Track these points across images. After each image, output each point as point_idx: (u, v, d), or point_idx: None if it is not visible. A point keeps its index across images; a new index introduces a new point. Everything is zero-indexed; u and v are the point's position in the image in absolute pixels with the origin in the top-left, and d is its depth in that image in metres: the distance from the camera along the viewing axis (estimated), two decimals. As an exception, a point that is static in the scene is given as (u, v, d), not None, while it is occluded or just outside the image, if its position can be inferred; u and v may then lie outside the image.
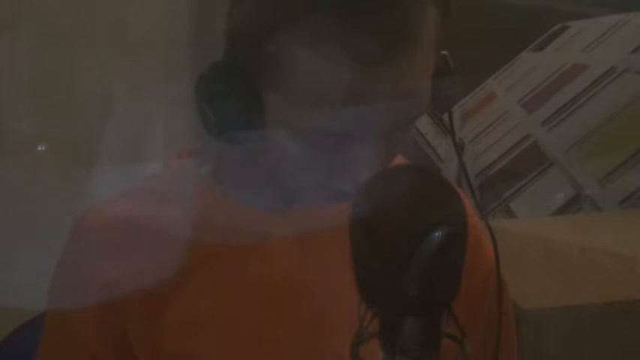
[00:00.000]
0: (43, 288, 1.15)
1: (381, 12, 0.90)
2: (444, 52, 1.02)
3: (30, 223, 2.21)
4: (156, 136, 2.27)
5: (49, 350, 1.15)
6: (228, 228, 1.10)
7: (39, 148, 2.22)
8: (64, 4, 2.20)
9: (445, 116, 1.07)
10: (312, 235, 1.11)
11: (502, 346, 1.07)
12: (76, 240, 1.12)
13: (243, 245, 1.10)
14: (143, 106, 2.31)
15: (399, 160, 1.10)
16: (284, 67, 0.93)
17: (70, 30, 2.22)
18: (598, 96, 2.97)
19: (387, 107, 0.93)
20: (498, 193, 2.95)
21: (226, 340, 1.10)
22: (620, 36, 2.99)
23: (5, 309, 1.62)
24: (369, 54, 0.90)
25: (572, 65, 3.03)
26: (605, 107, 2.95)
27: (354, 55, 0.90)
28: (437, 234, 0.80)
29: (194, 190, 1.12)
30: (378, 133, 0.96)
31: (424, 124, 3.01)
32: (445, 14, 0.97)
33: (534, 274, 2.09)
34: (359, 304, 0.84)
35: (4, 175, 2.17)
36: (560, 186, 2.93)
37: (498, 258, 1.03)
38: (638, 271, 2.16)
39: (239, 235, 1.11)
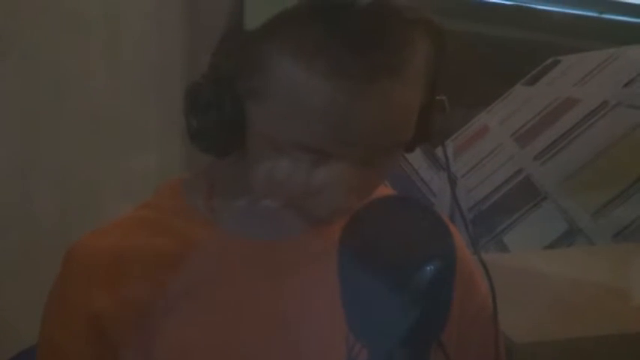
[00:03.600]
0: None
1: (369, 34, 0.90)
2: (442, 97, 1.02)
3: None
4: (149, 163, 2.26)
5: None
6: (218, 257, 1.10)
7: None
8: (53, 35, 2.20)
9: (437, 150, 1.07)
10: (302, 266, 1.11)
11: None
12: (68, 270, 1.12)
13: (233, 274, 1.10)
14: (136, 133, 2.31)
15: (384, 189, 1.09)
16: (265, 77, 0.93)
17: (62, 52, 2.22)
18: (590, 130, 2.97)
19: (365, 129, 0.93)
20: (491, 226, 2.95)
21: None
22: (612, 70, 3.00)
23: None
24: (352, 72, 0.90)
25: (565, 99, 3.04)
26: (598, 141, 2.96)
27: (337, 71, 0.89)
28: (426, 268, 0.80)
29: (185, 219, 1.12)
30: (356, 154, 0.96)
31: (417, 158, 3.02)
32: (437, 50, 0.98)
33: (527, 308, 2.08)
34: (347, 335, 0.84)
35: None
36: (553, 220, 2.93)
37: (494, 293, 1.03)
38: (631, 305, 2.16)
39: (229, 264, 1.11)
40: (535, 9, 2.96)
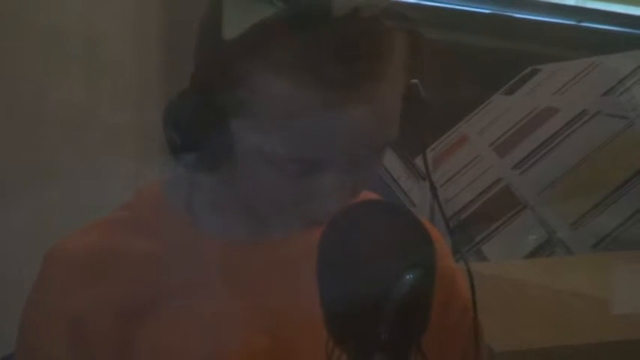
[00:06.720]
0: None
1: (348, 39, 0.90)
2: (415, 81, 1.03)
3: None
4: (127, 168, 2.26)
5: None
6: (197, 260, 1.11)
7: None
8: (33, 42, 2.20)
9: (417, 160, 1.08)
10: (281, 269, 1.11)
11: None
12: (47, 270, 1.12)
13: (211, 277, 1.10)
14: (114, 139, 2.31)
15: (366, 194, 1.09)
16: (249, 91, 0.93)
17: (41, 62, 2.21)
18: (569, 139, 2.98)
19: (352, 136, 0.93)
20: (470, 236, 2.95)
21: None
22: (591, 79, 3.00)
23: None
24: (335, 79, 0.89)
25: (544, 108, 3.04)
26: (577, 150, 2.96)
27: (320, 81, 0.89)
28: (405, 272, 0.80)
29: (164, 221, 1.12)
30: (345, 160, 0.96)
31: (397, 168, 3.02)
32: (413, 45, 0.98)
33: (506, 317, 2.08)
34: (327, 340, 0.84)
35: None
36: (533, 229, 2.93)
37: (475, 300, 1.04)
38: (611, 314, 2.16)
39: (207, 267, 1.11)
40: (513, 17, 2.97)
